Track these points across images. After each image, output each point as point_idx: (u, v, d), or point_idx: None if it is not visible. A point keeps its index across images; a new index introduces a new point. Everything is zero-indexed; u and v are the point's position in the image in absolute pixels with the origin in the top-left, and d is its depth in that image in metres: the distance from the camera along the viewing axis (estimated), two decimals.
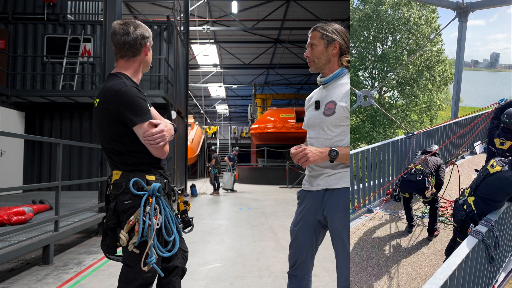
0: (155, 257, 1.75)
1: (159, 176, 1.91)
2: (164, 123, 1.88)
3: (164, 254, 1.82)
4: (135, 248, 1.76)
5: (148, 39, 1.96)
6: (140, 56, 1.95)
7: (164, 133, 1.82)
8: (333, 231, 1.96)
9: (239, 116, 38.49)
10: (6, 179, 9.25)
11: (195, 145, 22.32)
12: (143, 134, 1.79)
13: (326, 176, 2.00)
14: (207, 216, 8.29)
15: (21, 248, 3.72)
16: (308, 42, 2.08)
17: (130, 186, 1.79)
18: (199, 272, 4.05)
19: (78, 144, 8.63)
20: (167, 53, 11.07)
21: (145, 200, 1.78)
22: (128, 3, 15.95)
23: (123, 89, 1.81)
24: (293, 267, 2.11)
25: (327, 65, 2.05)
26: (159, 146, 1.82)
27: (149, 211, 1.76)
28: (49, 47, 10.64)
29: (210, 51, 21.18)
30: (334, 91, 2.03)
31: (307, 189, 2.10)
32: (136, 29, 1.91)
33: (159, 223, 1.78)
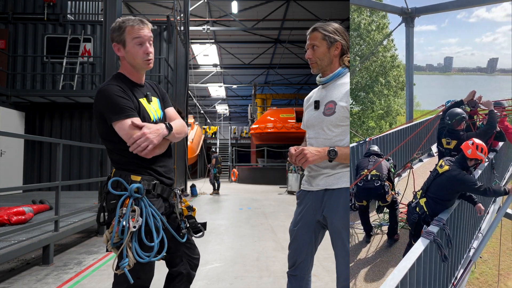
0: (127, 261, 1.67)
1: (147, 176, 1.84)
2: (149, 126, 1.80)
3: (142, 259, 1.70)
4: (113, 249, 1.73)
5: (116, 39, 1.86)
6: (120, 56, 1.91)
7: (147, 135, 1.75)
8: (333, 231, 1.96)
9: (239, 116, 38.47)
10: (6, 179, 9.24)
11: (195, 145, 22.33)
12: (127, 139, 1.77)
13: (325, 176, 1.99)
14: (207, 216, 8.29)
15: (21, 248, 3.72)
16: (309, 43, 2.04)
17: (108, 185, 1.77)
18: (199, 272, 4.04)
19: (78, 144, 8.65)
20: (167, 53, 11.07)
21: (122, 201, 1.74)
22: (128, 3, 15.95)
23: (104, 87, 1.82)
24: (292, 267, 2.10)
25: (329, 66, 2.04)
26: (147, 151, 1.77)
27: (126, 212, 1.70)
28: (49, 47, 10.64)
29: (210, 51, 21.18)
30: (334, 91, 2.02)
31: (307, 189, 2.09)
32: (110, 31, 1.90)
33: (136, 226, 1.69)
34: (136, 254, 1.70)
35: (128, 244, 1.69)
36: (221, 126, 32.75)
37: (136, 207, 1.73)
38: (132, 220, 1.70)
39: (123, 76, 1.92)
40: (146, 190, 1.80)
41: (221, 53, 22.02)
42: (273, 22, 18.07)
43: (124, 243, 1.68)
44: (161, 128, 1.83)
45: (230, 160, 25.05)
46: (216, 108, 34.41)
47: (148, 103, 1.94)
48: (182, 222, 1.93)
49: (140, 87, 1.96)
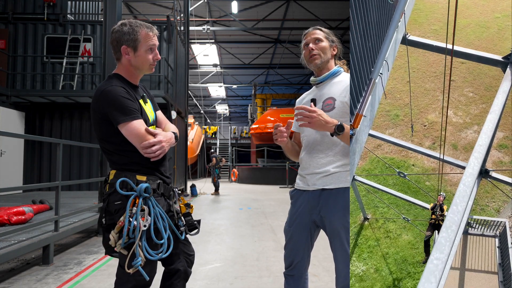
0: (141, 260, 1.71)
1: (151, 176, 1.88)
2: (164, 134, 1.87)
3: (152, 257, 1.76)
4: (123, 249, 1.74)
5: (127, 42, 1.85)
6: (123, 59, 1.90)
7: (163, 144, 1.83)
8: (331, 231, 1.94)
9: (239, 116, 38.48)
10: (6, 179, 9.25)
11: (195, 145, 22.33)
12: (138, 142, 1.79)
13: (323, 176, 1.97)
14: (207, 216, 8.29)
15: (21, 248, 3.72)
16: (312, 38, 2.06)
17: (116, 186, 1.77)
18: (199, 272, 4.05)
19: (78, 144, 8.64)
20: (167, 53, 11.07)
21: (132, 201, 1.76)
22: (128, 3, 15.95)
23: (108, 89, 1.82)
24: (289, 267, 2.11)
25: (327, 63, 2.06)
26: (156, 156, 1.83)
27: (136, 212, 1.73)
28: (49, 47, 10.64)
29: (210, 51, 21.18)
30: (331, 89, 2.03)
31: (302, 189, 2.08)
32: (114, 32, 1.88)
33: (146, 225, 1.73)
34: (146, 252, 1.74)
35: (138, 243, 1.72)
36: (221, 126, 32.77)
37: (145, 206, 1.77)
38: (142, 219, 1.73)
39: (122, 78, 1.93)
40: (152, 189, 1.84)
41: (221, 53, 22.02)
42: (273, 22, 18.07)
43: (136, 242, 1.71)
44: (172, 137, 1.94)
45: (230, 160, 25.05)
46: (216, 108, 34.42)
47: (145, 104, 1.97)
48: (179, 220, 1.97)
49: (136, 88, 1.98)
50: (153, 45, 1.91)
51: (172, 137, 1.94)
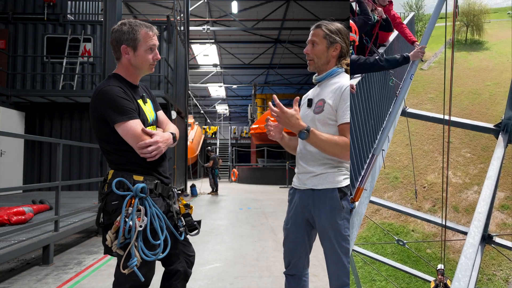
0: (136, 260, 1.70)
1: (149, 176, 1.88)
2: (161, 134, 1.86)
3: (148, 257, 1.75)
4: (119, 250, 1.74)
5: (127, 42, 1.85)
6: (123, 58, 1.90)
7: (159, 144, 1.81)
8: (320, 231, 1.97)
9: (239, 116, 38.46)
10: (6, 179, 9.25)
11: (195, 145, 22.32)
12: (134, 142, 1.78)
13: (312, 176, 1.99)
14: (207, 216, 8.29)
15: (21, 248, 3.71)
16: (310, 39, 2.04)
17: (112, 186, 1.77)
18: (199, 272, 4.05)
19: (78, 144, 8.65)
20: (167, 53, 11.07)
21: (128, 201, 1.75)
22: (128, 3, 15.95)
23: (105, 88, 1.82)
24: (288, 267, 2.12)
25: (325, 65, 2.05)
26: (152, 157, 1.81)
27: (132, 212, 1.72)
28: (49, 47, 10.64)
29: (210, 51, 21.17)
30: (325, 90, 2.03)
31: (296, 187, 2.10)
32: (114, 32, 1.88)
33: (142, 225, 1.72)
34: (142, 253, 1.73)
35: (134, 244, 1.71)
36: (221, 126, 32.73)
37: (141, 206, 1.76)
38: (138, 220, 1.72)
39: (121, 77, 1.92)
40: (149, 189, 1.83)
41: (221, 53, 22.01)
42: (273, 22, 18.06)
43: (131, 243, 1.70)
44: (169, 138, 1.92)
45: (230, 160, 25.04)
46: (216, 108, 34.40)
47: (144, 104, 1.96)
48: (179, 221, 1.97)
49: (136, 88, 1.98)
50: (153, 44, 1.91)
51: (170, 137, 1.92)
